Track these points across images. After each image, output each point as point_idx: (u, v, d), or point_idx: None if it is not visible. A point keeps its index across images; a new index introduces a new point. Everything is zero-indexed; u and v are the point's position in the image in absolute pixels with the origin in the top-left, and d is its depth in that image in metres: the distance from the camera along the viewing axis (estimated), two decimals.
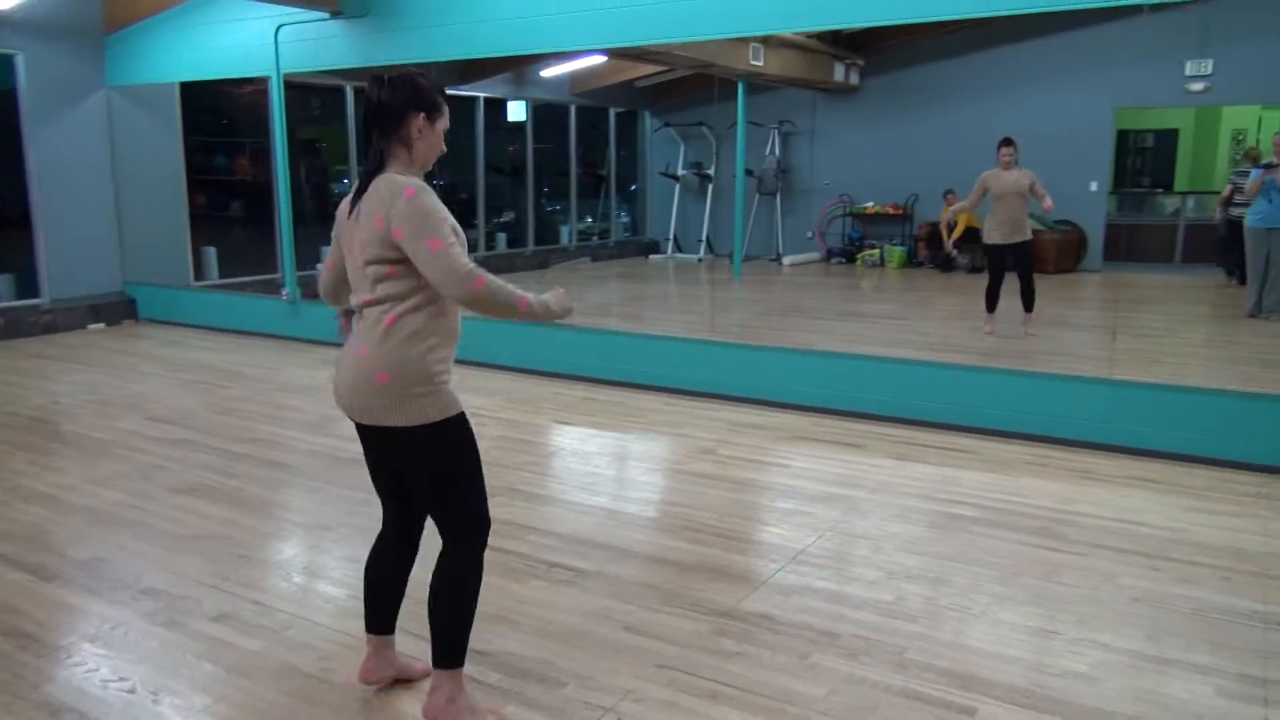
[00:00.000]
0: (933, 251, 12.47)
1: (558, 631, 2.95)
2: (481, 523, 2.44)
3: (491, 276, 2.22)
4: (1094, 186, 11.80)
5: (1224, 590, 3.25)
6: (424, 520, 2.57)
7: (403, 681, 2.68)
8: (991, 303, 7.56)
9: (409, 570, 2.61)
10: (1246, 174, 10.19)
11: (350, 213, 2.32)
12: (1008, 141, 7.36)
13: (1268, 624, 3.00)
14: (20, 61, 8.17)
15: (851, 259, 13.27)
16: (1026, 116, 11.67)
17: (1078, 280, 11.36)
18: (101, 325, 8.77)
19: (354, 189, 2.35)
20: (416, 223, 2.17)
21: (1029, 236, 7.40)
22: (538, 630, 2.95)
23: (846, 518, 3.93)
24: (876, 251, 13.00)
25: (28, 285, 8.50)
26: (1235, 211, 9.69)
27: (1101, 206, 11.93)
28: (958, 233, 11.69)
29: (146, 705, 2.55)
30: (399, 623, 2.66)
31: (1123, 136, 13.79)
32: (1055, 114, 11.64)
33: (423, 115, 2.30)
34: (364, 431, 2.44)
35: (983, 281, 7.72)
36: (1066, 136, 11.57)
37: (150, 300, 9.08)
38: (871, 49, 12.67)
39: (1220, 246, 10.55)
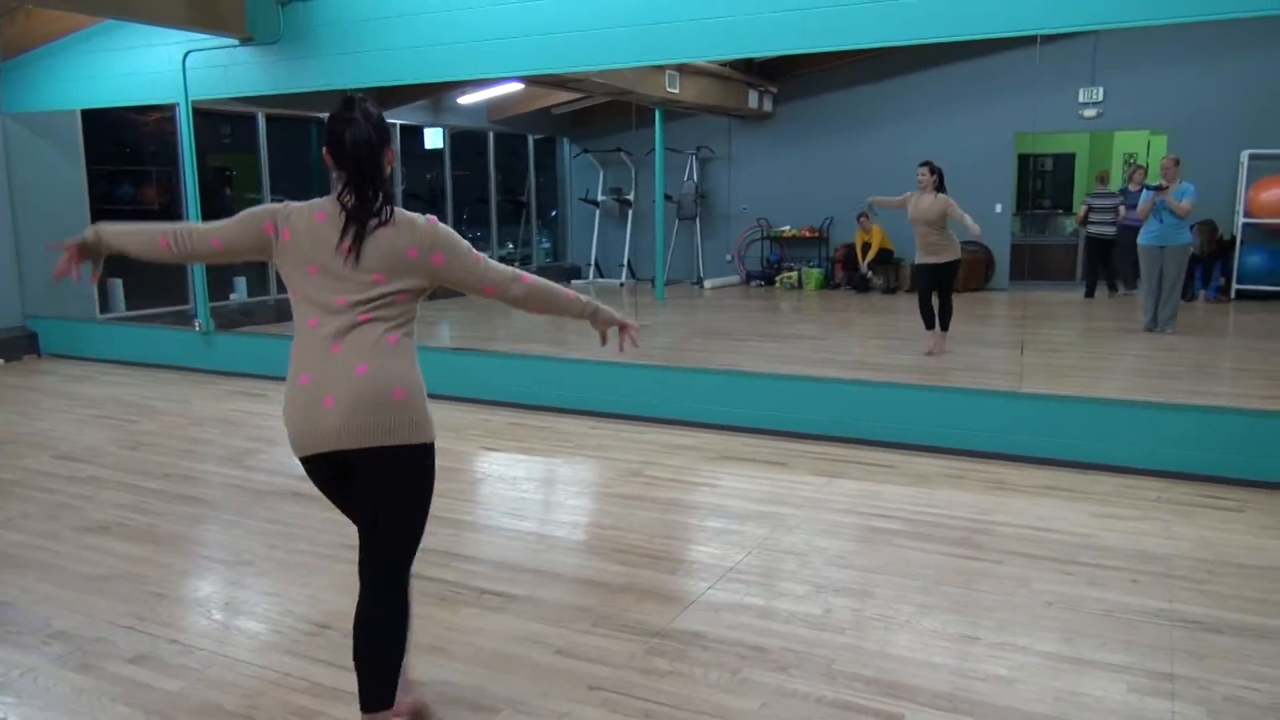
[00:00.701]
0: (849, 273, 12.77)
1: (489, 658, 2.92)
2: (415, 553, 2.39)
3: (534, 275, 2.44)
4: (999, 208, 12.26)
5: (1132, 591, 3.39)
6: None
7: None
8: (928, 320, 7.66)
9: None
10: (1102, 195, 11.11)
11: (345, 238, 2.22)
12: (924, 163, 7.48)
13: (1173, 622, 3.14)
14: None
15: (770, 281, 13.50)
16: (934, 141, 12.07)
17: (986, 298, 11.77)
18: (0, 361, 8.39)
19: (340, 212, 2.24)
20: (455, 245, 2.33)
21: (951, 258, 7.54)
22: (469, 658, 2.92)
23: (774, 534, 3.99)
24: (794, 274, 13.26)
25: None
26: (1093, 230, 11.01)
27: (1006, 227, 12.39)
28: (872, 254, 12.02)
29: None
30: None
31: (1024, 160, 14.38)
32: (960, 139, 12.09)
33: (390, 147, 2.31)
34: (338, 463, 2.25)
35: (899, 301, 7.92)
36: (971, 160, 12.01)
37: (53, 334, 8.73)
38: (784, 76, 12.99)
39: (1086, 262, 11.51)
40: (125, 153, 10.56)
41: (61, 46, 8.09)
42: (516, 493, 4.67)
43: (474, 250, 2.35)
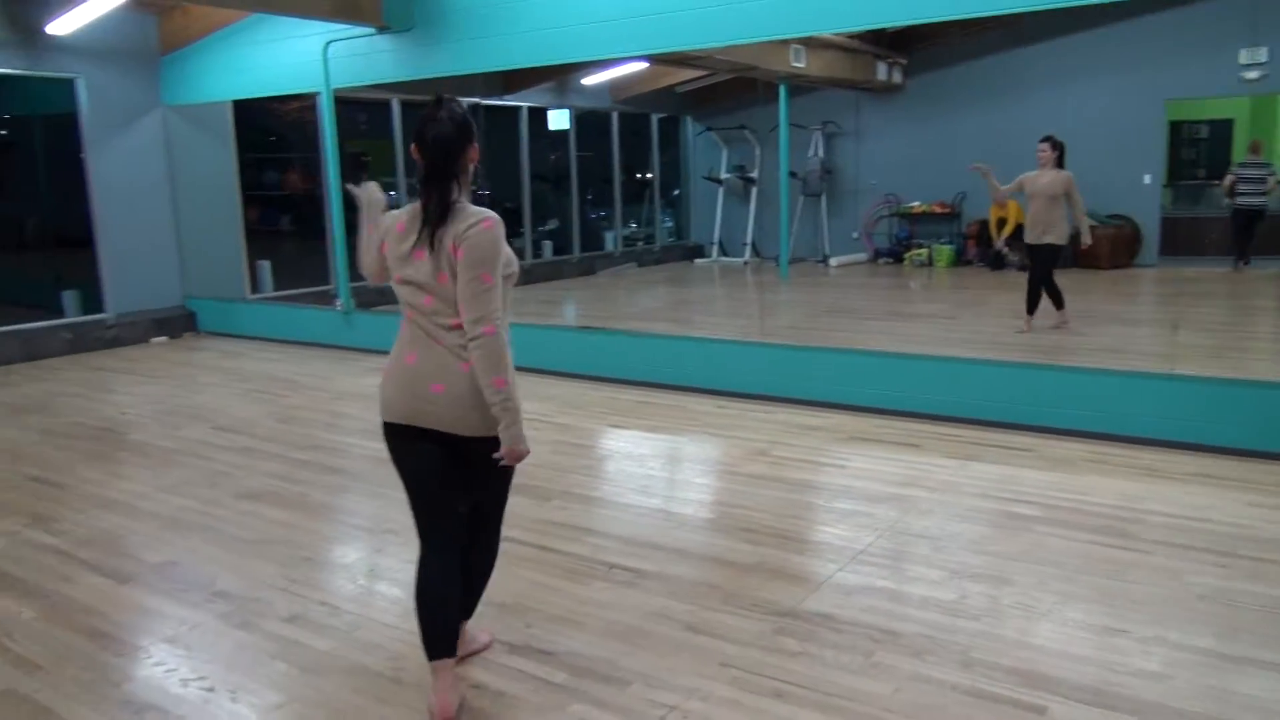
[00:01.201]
0: (982, 249, 12.32)
1: (620, 631, 2.97)
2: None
3: (505, 341, 2.37)
4: (1148, 179, 11.58)
5: None
6: (465, 530, 2.64)
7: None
8: (1033, 301, 7.46)
9: (461, 586, 2.62)
10: (1251, 165, 10.39)
11: (419, 241, 2.37)
12: (1045, 139, 7.25)
13: None
14: (81, 85, 8.43)
15: (899, 259, 13.15)
16: (1076, 110, 11.50)
17: (1133, 275, 11.16)
18: (164, 338, 9.00)
19: (419, 214, 2.39)
20: (482, 252, 2.33)
21: (1054, 240, 7.25)
22: (601, 630, 2.98)
23: (906, 517, 3.91)
24: (924, 251, 12.87)
25: (93, 301, 8.75)
26: (1241, 201, 10.52)
27: (1155, 200, 11.70)
28: (1008, 230, 11.54)
29: (224, 704, 2.62)
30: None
31: (1175, 128, 13.51)
32: (1105, 107, 11.45)
33: (474, 145, 2.43)
34: (433, 438, 2.44)
35: None
36: (1117, 130, 11.38)
37: (209, 313, 9.30)
38: (915, 47, 12.57)
39: (1233, 235, 10.90)
40: (269, 140, 11.12)
41: (214, 41, 8.57)
42: (644, 470, 4.72)
43: (491, 277, 2.32)
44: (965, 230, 12.78)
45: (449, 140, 2.36)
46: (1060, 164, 7.21)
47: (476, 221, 2.34)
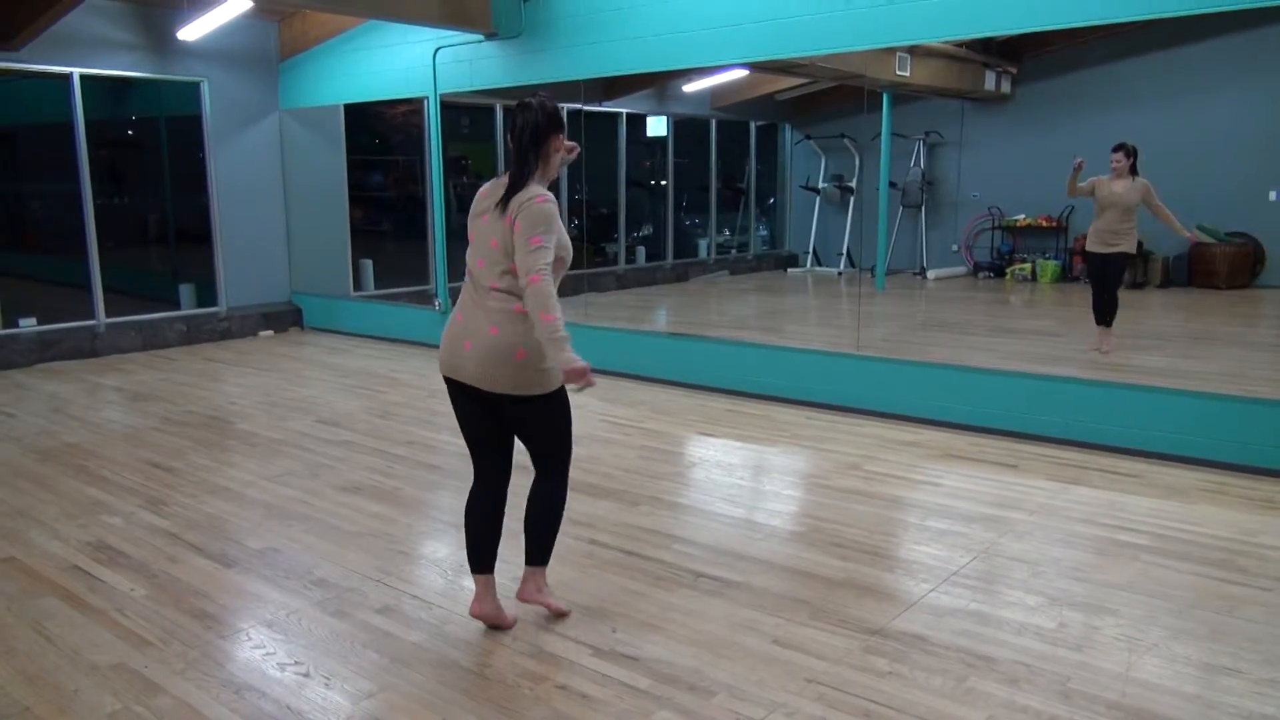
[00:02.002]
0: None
1: (706, 641, 2.95)
2: (570, 457, 3.01)
3: (551, 288, 2.64)
4: (1273, 196, 10.98)
5: None
6: (510, 465, 3.01)
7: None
8: (1100, 315, 7.21)
9: (503, 514, 3.04)
10: None
11: (498, 207, 2.73)
12: (1118, 147, 6.98)
13: None
14: (205, 88, 8.85)
15: (1000, 273, 12.77)
16: (1194, 122, 10.97)
17: (1255, 296, 10.59)
18: (271, 332, 9.36)
19: (504, 184, 2.76)
20: (534, 221, 2.66)
21: (1126, 250, 7.01)
22: (687, 639, 2.97)
23: (1003, 540, 3.79)
24: (1028, 265, 12.47)
25: (207, 294, 9.17)
26: None
27: None
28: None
29: (318, 689, 2.69)
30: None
31: None
32: (1226, 120, 10.90)
33: (561, 135, 2.80)
34: (478, 395, 2.82)
35: (1148, 296, 7.32)
36: (1240, 143, 10.81)
37: (314, 309, 9.63)
38: (1026, 55, 12.20)
39: None
40: (376, 143, 11.46)
41: (329, 48, 8.88)
42: (732, 479, 4.69)
43: (541, 240, 2.64)
44: (1072, 245, 12.33)
45: (537, 125, 2.74)
46: (1134, 171, 6.97)
47: (531, 198, 2.69)
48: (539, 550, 3.04)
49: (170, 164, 9.60)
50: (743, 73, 11.55)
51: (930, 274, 12.94)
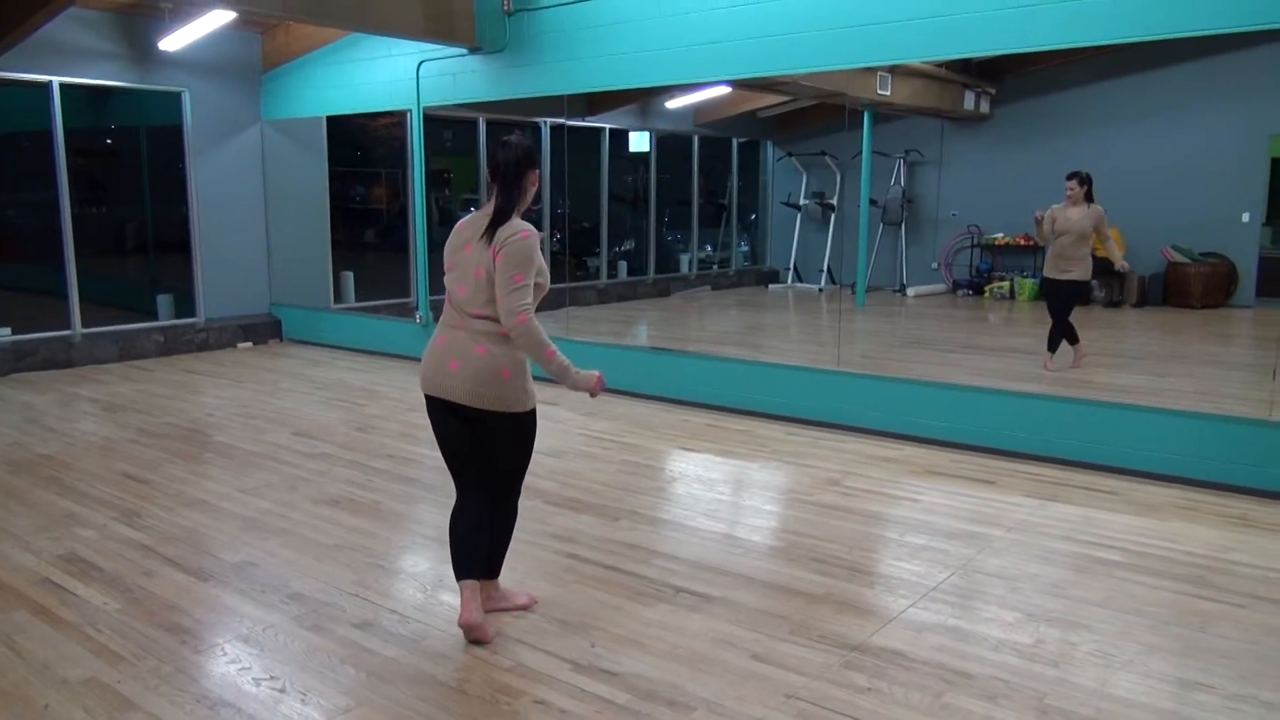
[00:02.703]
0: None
1: (685, 656, 2.95)
2: (524, 479, 3.18)
3: (537, 324, 2.86)
4: (1246, 217, 11.15)
5: None
6: (492, 477, 3.11)
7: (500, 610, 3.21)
8: (1052, 341, 7.33)
9: (489, 521, 3.09)
10: None
11: (477, 236, 2.90)
12: (1072, 175, 7.10)
13: None
14: (186, 98, 8.81)
15: (979, 291, 12.88)
16: (1170, 144, 11.14)
17: (1228, 316, 10.73)
18: (249, 344, 9.30)
19: (487, 215, 2.91)
20: (517, 258, 2.84)
21: (1080, 277, 7.09)
22: (666, 654, 2.96)
23: (981, 555, 3.81)
24: (1006, 283, 12.59)
25: (185, 305, 9.10)
26: None
27: (1255, 238, 11.25)
28: (1120, 253, 11.28)
29: (295, 705, 2.67)
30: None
31: (1278, 165, 13.00)
32: (1202, 141, 11.07)
33: (535, 171, 2.99)
34: (457, 411, 2.96)
35: (1124, 315, 7.41)
36: (1214, 166, 10.98)
37: (294, 321, 9.58)
38: (1005, 76, 12.35)
39: None
40: (357, 155, 11.44)
41: (312, 59, 8.87)
42: (713, 494, 4.69)
43: (523, 278, 2.83)
44: None
45: (517, 162, 2.92)
46: (1089, 199, 7.08)
47: (515, 233, 2.86)
48: (496, 565, 3.21)
49: (150, 174, 9.54)
50: (725, 90, 11.63)
51: (910, 291, 13.03)
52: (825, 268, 13.93)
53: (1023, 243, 12.82)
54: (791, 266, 14.56)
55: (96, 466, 5.08)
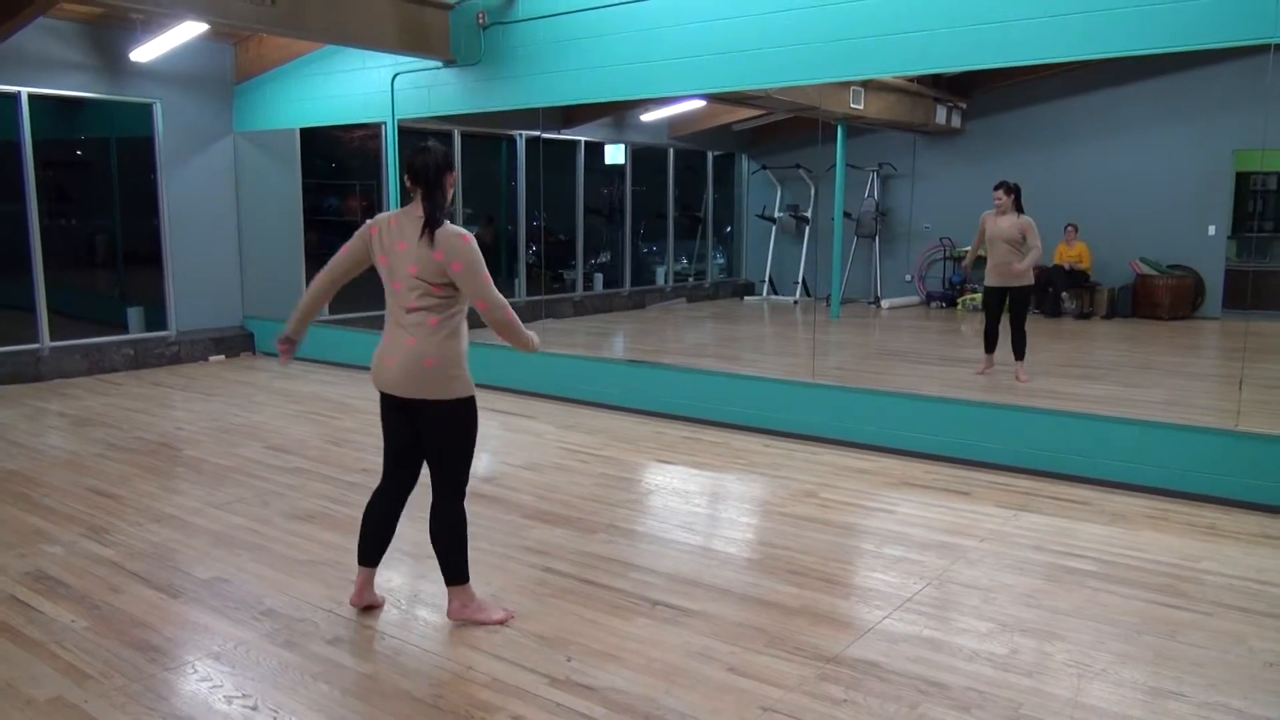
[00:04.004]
0: (1039, 296, 12.14)
1: (662, 669, 2.94)
2: (467, 479, 3.24)
3: (513, 313, 3.14)
4: (1212, 230, 11.33)
5: None
6: (416, 480, 3.30)
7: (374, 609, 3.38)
8: (989, 343, 7.50)
9: (399, 516, 3.33)
10: None
11: (422, 238, 3.01)
12: (999, 185, 7.29)
13: None
14: (158, 109, 8.74)
15: (952, 303, 13.00)
16: (1138, 158, 11.33)
17: (1195, 327, 10.89)
18: (222, 357, 9.20)
19: (416, 217, 3.04)
20: (475, 261, 3.04)
21: (1025, 282, 7.25)
22: (642, 667, 2.95)
23: (955, 566, 3.83)
24: (979, 295, 12.70)
25: (156, 318, 9.00)
26: None
27: (1220, 251, 11.44)
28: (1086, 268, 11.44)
29: None
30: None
31: (1243, 179, 13.24)
32: (1169, 156, 11.26)
33: (453, 174, 3.13)
34: (401, 405, 3.14)
35: (1094, 326, 7.51)
36: (1180, 180, 11.17)
37: (267, 334, 9.50)
38: (976, 91, 12.51)
39: None
40: (331, 167, 11.38)
41: (286, 71, 8.83)
42: (690, 507, 4.69)
43: (485, 273, 3.05)
44: None
45: (437, 166, 3.06)
46: (1019, 208, 7.25)
47: (458, 235, 3.03)
48: (455, 570, 3.26)
49: (120, 185, 9.44)
50: (700, 103, 11.69)
51: (884, 303, 13.12)
52: (800, 280, 14.01)
53: None
54: (767, 279, 14.62)
55: (64, 482, 5.01)
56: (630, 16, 6.60)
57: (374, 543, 3.30)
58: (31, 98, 7.88)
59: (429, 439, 3.16)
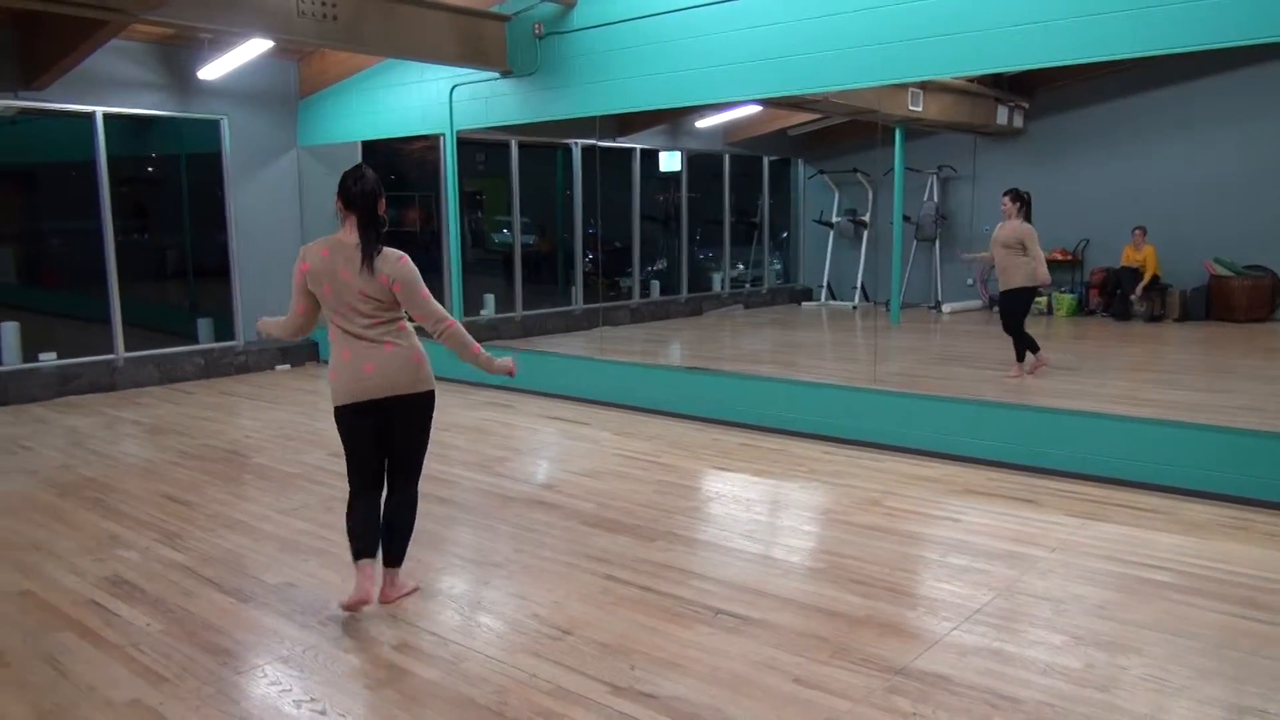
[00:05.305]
0: (1105, 299, 11.84)
1: (726, 679, 2.91)
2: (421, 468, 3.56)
3: (460, 326, 3.39)
4: None
5: None
6: (384, 478, 3.50)
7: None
8: (1028, 344, 7.76)
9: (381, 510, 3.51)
10: None
11: (364, 266, 3.24)
12: (1006, 192, 7.59)
13: None
14: (225, 126, 8.97)
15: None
16: (1211, 155, 10.97)
17: (1274, 329, 10.51)
18: (287, 366, 9.40)
19: (350, 244, 3.28)
20: (412, 280, 3.31)
21: (1020, 284, 7.48)
22: (706, 676, 2.93)
23: (1025, 577, 3.74)
24: (1044, 299, 12.43)
25: (225, 329, 9.23)
26: None
27: None
28: (1146, 278, 11.15)
29: None
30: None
31: None
32: (1244, 152, 10.89)
33: (384, 199, 3.32)
34: (370, 410, 3.34)
35: (1165, 330, 7.36)
36: (1257, 175, 10.80)
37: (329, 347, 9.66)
38: (1039, 90, 12.25)
39: None
40: (390, 179, 11.57)
41: (347, 85, 9.01)
42: (750, 514, 4.65)
43: (424, 289, 3.32)
44: (1089, 279, 12.30)
45: (372, 193, 3.28)
46: (1026, 216, 7.52)
47: (397, 259, 3.30)
48: (400, 554, 3.54)
49: (190, 200, 9.72)
50: (756, 109, 11.63)
51: (945, 308, 12.91)
52: (859, 285, 13.85)
53: (1060, 257, 12.66)
54: (824, 284, 14.49)
55: (139, 488, 5.15)
56: (687, 23, 6.60)
57: (370, 537, 3.43)
58: (106, 117, 8.14)
59: (402, 431, 3.42)
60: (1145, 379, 7.26)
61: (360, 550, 3.41)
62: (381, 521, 3.49)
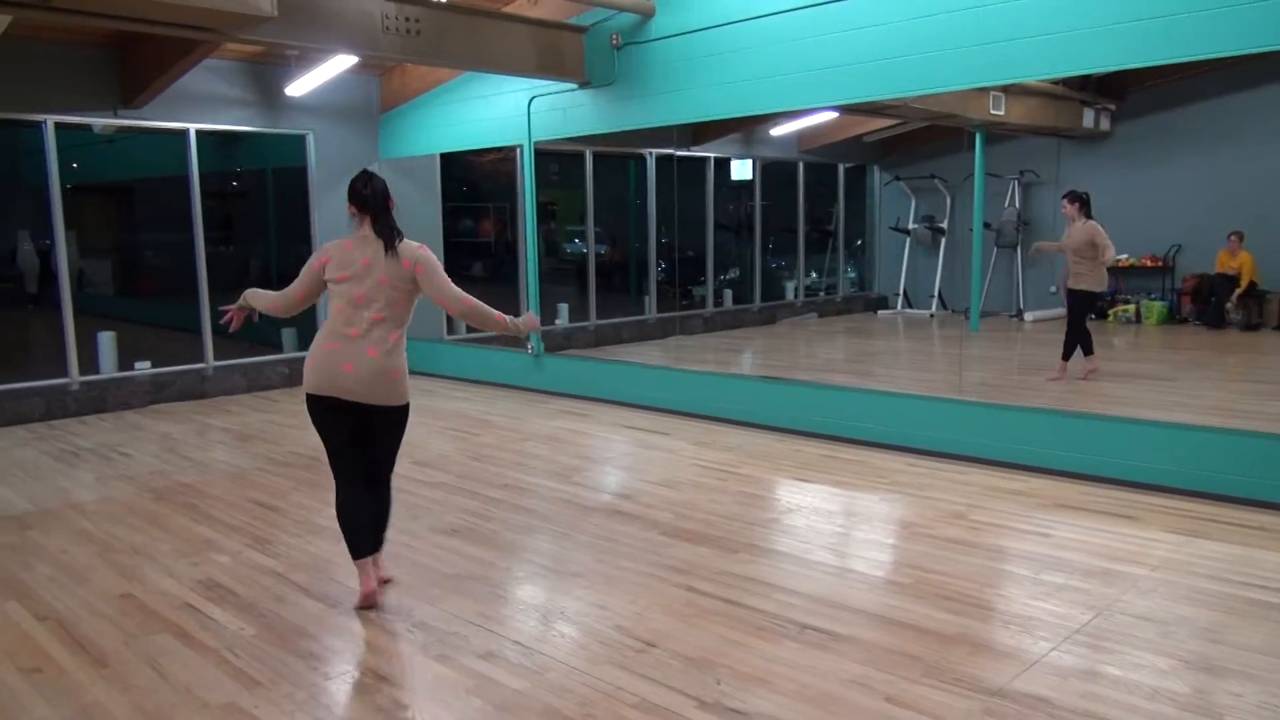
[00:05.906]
0: (1201, 306, 11.39)
1: (815, 696, 2.85)
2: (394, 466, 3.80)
3: (477, 300, 3.60)
4: None
5: None
6: (364, 467, 3.67)
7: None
8: (1083, 345, 7.87)
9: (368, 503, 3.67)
10: None
11: (388, 255, 3.48)
12: (1065, 194, 7.71)
13: None
14: (310, 140, 9.21)
15: (1102, 315, 12.34)
16: None
17: None
18: None
19: (371, 239, 3.51)
20: (433, 264, 3.55)
21: (1089, 287, 7.74)
22: (794, 694, 2.87)
23: (1125, 596, 3.59)
24: (1132, 307, 12.03)
25: (309, 338, 9.43)
26: None
27: None
28: (1243, 286, 10.72)
29: None
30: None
31: None
32: None
33: (392, 200, 3.59)
34: (348, 408, 3.50)
35: (1263, 339, 7.16)
36: None
37: (410, 353, 9.81)
38: (1128, 91, 11.87)
39: None
40: (464, 190, 11.74)
41: (427, 99, 9.17)
42: (832, 527, 4.57)
43: (443, 273, 3.55)
44: (1180, 285, 11.86)
45: (384, 193, 3.56)
46: (1087, 215, 7.58)
47: (418, 247, 3.56)
48: (381, 541, 3.76)
49: (275, 213, 9.99)
50: (831, 115, 11.51)
51: (1027, 315, 12.58)
52: (936, 293, 13.58)
53: (1149, 264, 12.24)
54: (901, 292, 14.25)
55: (229, 494, 5.29)
56: (763, 31, 6.55)
57: (365, 534, 3.58)
58: (198, 133, 8.42)
59: (381, 436, 3.64)
60: (1243, 389, 6.95)
61: (362, 549, 3.58)
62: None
